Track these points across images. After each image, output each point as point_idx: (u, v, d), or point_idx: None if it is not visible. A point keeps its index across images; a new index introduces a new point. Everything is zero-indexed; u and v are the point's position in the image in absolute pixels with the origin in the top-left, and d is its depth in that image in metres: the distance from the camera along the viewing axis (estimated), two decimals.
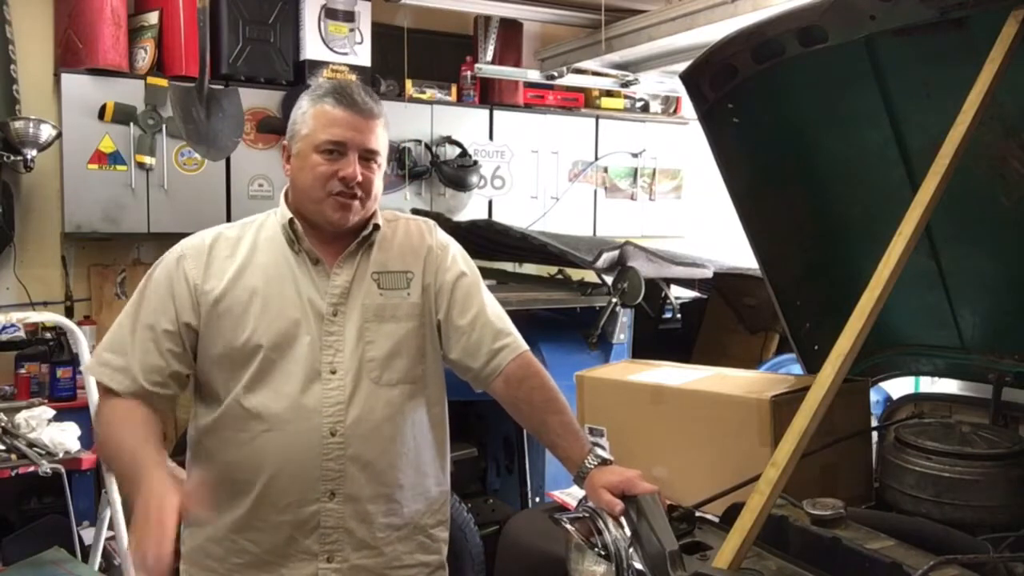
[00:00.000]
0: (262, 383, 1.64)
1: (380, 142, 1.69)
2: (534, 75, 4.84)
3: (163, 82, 3.90)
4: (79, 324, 3.51)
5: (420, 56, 4.74)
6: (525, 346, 1.76)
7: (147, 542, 1.35)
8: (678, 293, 4.53)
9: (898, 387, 2.49)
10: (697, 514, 1.56)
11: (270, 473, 1.64)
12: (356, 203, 1.66)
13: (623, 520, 1.43)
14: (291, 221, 1.69)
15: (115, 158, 3.84)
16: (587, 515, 1.45)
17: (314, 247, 1.69)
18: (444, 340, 1.76)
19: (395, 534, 1.71)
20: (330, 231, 1.70)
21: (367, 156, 1.66)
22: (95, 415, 1.68)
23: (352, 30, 4.33)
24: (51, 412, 3.24)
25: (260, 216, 1.77)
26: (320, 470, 1.64)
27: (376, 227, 1.73)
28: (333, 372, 1.66)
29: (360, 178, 1.64)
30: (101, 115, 3.80)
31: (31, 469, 2.93)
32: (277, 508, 1.64)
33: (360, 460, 1.66)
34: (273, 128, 4.17)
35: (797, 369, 2.54)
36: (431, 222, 1.85)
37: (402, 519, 1.72)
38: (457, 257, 1.80)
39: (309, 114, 1.67)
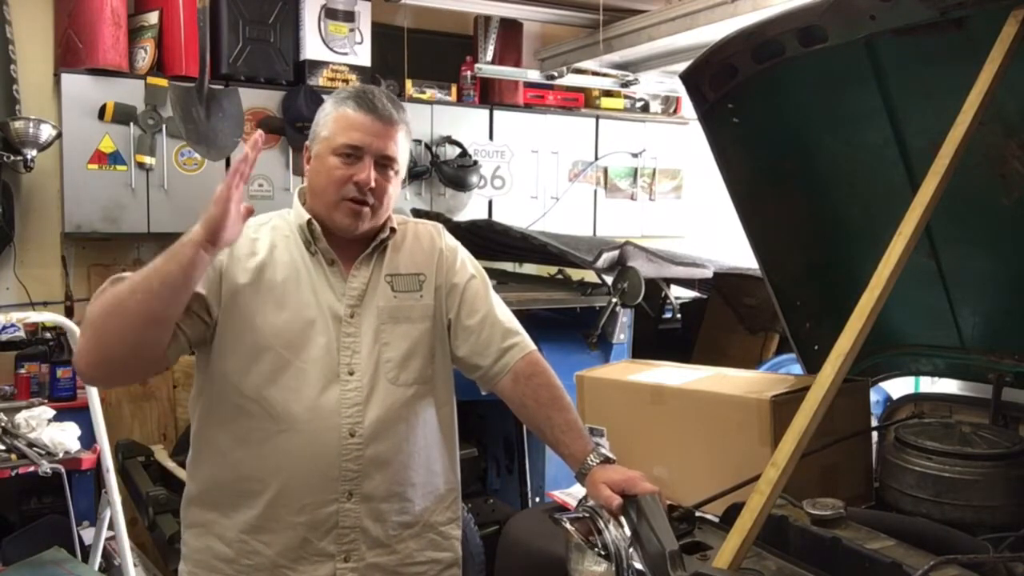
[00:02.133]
0: (278, 383, 1.64)
1: (398, 149, 1.69)
2: (534, 75, 4.84)
3: (163, 82, 3.90)
4: (79, 324, 3.51)
5: (420, 56, 4.73)
6: (533, 346, 1.79)
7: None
8: (678, 293, 4.53)
9: (898, 387, 2.49)
10: (697, 514, 1.56)
11: (288, 474, 1.63)
12: (367, 211, 1.67)
13: (623, 520, 1.43)
14: (309, 222, 1.69)
15: (115, 158, 3.84)
16: (587, 515, 1.45)
17: (330, 248, 1.70)
18: (453, 339, 1.78)
19: (407, 532, 1.73)
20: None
21: (384, 163, 1.67)
22: (90, 305, 1.55)
23: (352, 30, 4.33)
24: (51, 412, 3.24)
25: (272, 215, 1.77)
26: (339, 470, 1.65)
27: (392, 231, 1.75)
28: (351, 373, 1.67)
29: (374, 184, 1.65)
30: (101, 115, 3.80)
31: (31, 469, 2.92)
32: (293, 509, 1.64)
33: (377, 460, 1.67)
34: (273, 128, 4.16)
35: (797, 369, 2.54)
36: (439, 226, 1.88)
37: (413, 517, 1.74)
38: (466, 260, 1.84)
39: (331, 117, 1.68)
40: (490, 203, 4.89)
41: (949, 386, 2.28)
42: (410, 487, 1.72)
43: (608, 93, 5.24)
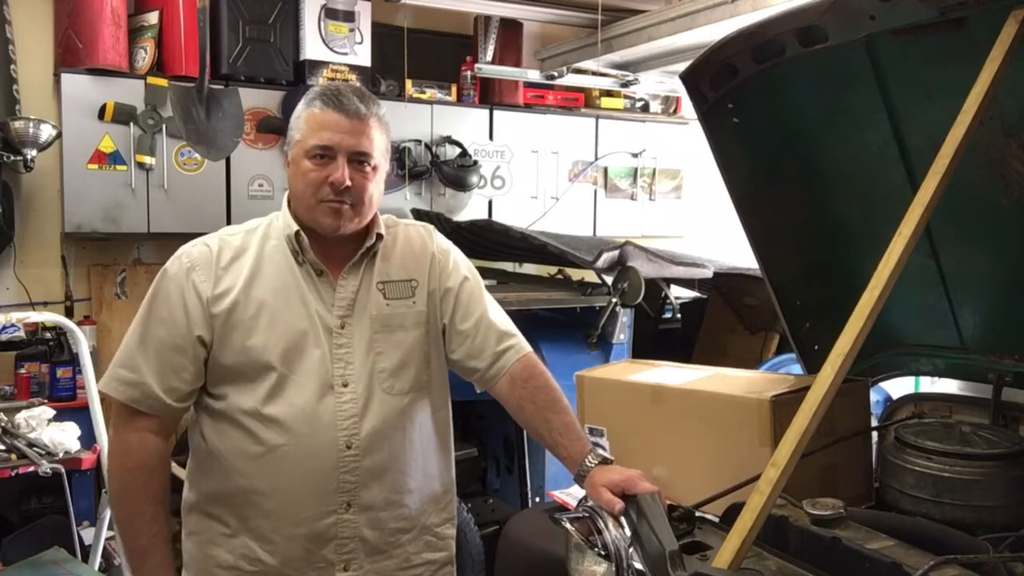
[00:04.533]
0: (275, 397, 1.62)
1: (373, 144, 1.65)
2: (534, 75, 4.84)
3: (163, 82, 3.90)
4: (79, 324, 3.51)
5: (420, 56, 4.74)
6: (529, 347, 1.78)
7: None
8: (678, 293, 4.53)
9: (898, 387, 2.49)
10: (697, 514, 1.56)
11: (286, 487, 1.63)
12: (348, 209, 1.64)
13: (623, 520, 1.43)
14: (297, 233, 1.66)
15: (115, 158, 3.84)
16: (587, 515, 1.45)
17: (318, 258, 1.68)
18: (448, 343, 1.77)
19: (404, 537, 1.73)
20: (333, 240, 1.68)
21: (358, 159, 1.63)
22: (110, 448, 1.69)
23: (352, 30, 4.33)
24: (51, 412, 3.24)
25: (261, 223, 1.74)
26: (337, 483, 1.64)
27: (379, 237, 1.72)
28: (345, 385, 1.65)
29: (349, 183, 1.61)
30: (101, 115, 3.80)
31: (31, 469, 2.93)
32: (293, 522, 1.63)
33: (374, 470, 1.66)
34: (273, 128, 4.16)
35: (797, 369, 2.54)
36: (429, 227, 1.85)
37: (410, 522, 1.73)
38: (459, 262, 1.81)
39: (301, 119, 1.65)
40: (490, 203, 4.89)
41: (949, 386, 2.28)
42: (407, 494, 1.72)
43: (608, 93, 5.25)
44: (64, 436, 3.11)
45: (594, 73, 4.88)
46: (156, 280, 1.68)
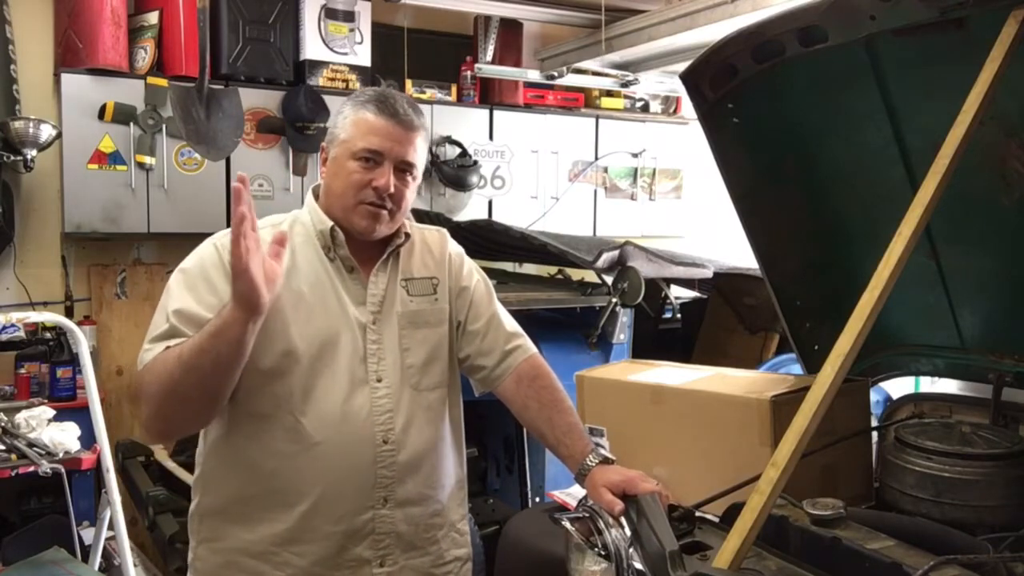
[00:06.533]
0: (309, 395, 1.61)
1: (417, 155, 1.68)
2: (534, 75, 4.84)
3: (163, 82, 3.90)
4: (79, 324, 3.51)
5: (420, 56, 4.74)
6: (535, 349, 1.81)
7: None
8: (678, 293, 4.53)
9: (898, 387, 2.49)
10: (697, 514, 1.56)
11: (324, 485, 1.61)
12: (385, 214, 1.66)
13: (623, 520, 1.43)
14: (332, 228, 1.67)
15: (115, 158, 3.84)
16: (587, 515, 1.46)
17: (350, 255, 1.68)
18: (457, 340, 1.80)
19: (438, 533, 1.75)
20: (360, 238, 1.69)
21: (403, 168, 1.66)
22: (143, 377, 1.53)
23: (352, 30, 4.33)
24: (51, 412, 3.24)
25: (285, 218, 1.73)
26: (375, 478, 1.64)
27: (407, 236, 1.75)
28: (379, 380, 1.66)
29: (392, 190, 1.64)
30: (101, 115, 3.80)
31: (31, 469, 2.92)
32: (331, 519, 1.62)
33: (409, 465, 1.67)
34: (273, 128, 4.16)
35: (797, 369, 2.54)
36: (444, 231, 1.89)
37: (442, 517, 1.75)
38: (472, 266, 1.86)
39: (350, 120, 1.66)
40: (490, 203, 4.89)
41: (949, 386, 2.28)
42: (439, 488, 1.74)
43: (608, 93, 5.24)
44: (64, 436, 3.10)
45: (594, 73, 4.88)
46: (187, 265, 1.64)
